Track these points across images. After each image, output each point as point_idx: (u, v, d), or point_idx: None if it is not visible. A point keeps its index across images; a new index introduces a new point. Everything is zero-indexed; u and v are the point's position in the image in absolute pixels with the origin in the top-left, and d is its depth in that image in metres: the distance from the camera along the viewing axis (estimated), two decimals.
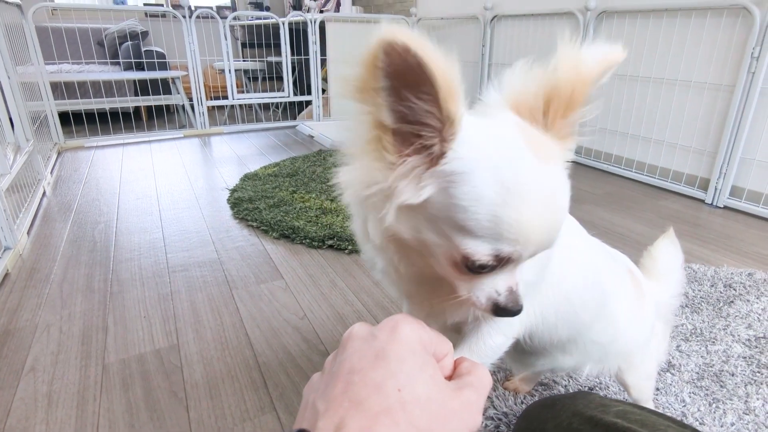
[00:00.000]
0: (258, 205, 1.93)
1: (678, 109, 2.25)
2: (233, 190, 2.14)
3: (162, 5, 5.77)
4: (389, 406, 0.27)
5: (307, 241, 1.65)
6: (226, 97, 3.52)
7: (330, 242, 1.63)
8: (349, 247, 1.60)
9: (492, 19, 3.17)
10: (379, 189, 0.38)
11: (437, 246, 0.40)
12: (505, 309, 0.41)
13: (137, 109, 3.87)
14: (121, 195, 2.18)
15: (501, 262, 0.38)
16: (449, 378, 0.34)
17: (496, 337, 0.57)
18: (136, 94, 3.65)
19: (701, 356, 1.10)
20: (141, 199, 2.12)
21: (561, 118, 0.40)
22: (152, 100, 3.54)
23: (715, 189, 2.11)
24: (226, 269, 1.51)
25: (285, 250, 1.64)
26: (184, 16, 3.04)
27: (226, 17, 3.37)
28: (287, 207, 1.90)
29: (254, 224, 1.79)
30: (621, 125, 2.53)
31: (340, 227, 1.71)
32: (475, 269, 0.39)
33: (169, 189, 2.26)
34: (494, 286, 0.41)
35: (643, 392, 0.83)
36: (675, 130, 2.28)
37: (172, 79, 3.64)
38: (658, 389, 1.00)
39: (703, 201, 2.16)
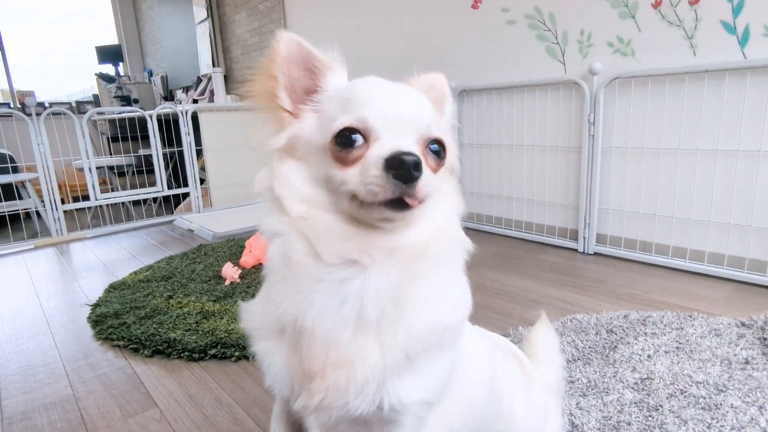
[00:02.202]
0: (126, 319, 1.68)
1: (540, 170, 2.49)
2: (95, 305, 1.86)
3: (9, 103, 5.29)
4: None
5: (186, 354, 1.45)
6: (86, 198, 3.19)
7: (213, 351, 1.45)
8: (236, 354, 1.43)
9: None
10: (285, 138, 0.51)
11: (322, 153, 0.48)
12: (393, 157, 0.42)
13: None
14: None
15: (367, 132, 0.45)
16: None
17: None
18: None
19: (599, 410, 1.11)
20: None
21: None
22: None
23: (584, 238, 2.31)
24: (83, 407, 1.25)
25: (159, 369, 1.42)
26: (29, 115, 2.76)
27: (86, 113, 3.13)
28: (162, 316, 1.68)
29: (121, 343, 1.54)
30: (498, 189, 2.72)
31: (225, 332, 1.54)
32: (349, 144, 0.45)
33: (11, 315, 1.89)
34: (380, 155, 0.43)
35: None
36: (542, 189, 2.50)
37: (21, 182, 3.23)
38: None
39: (576, 250, 2.34)
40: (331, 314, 0.47)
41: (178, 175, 3.79)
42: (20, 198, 3.28)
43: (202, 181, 3.66)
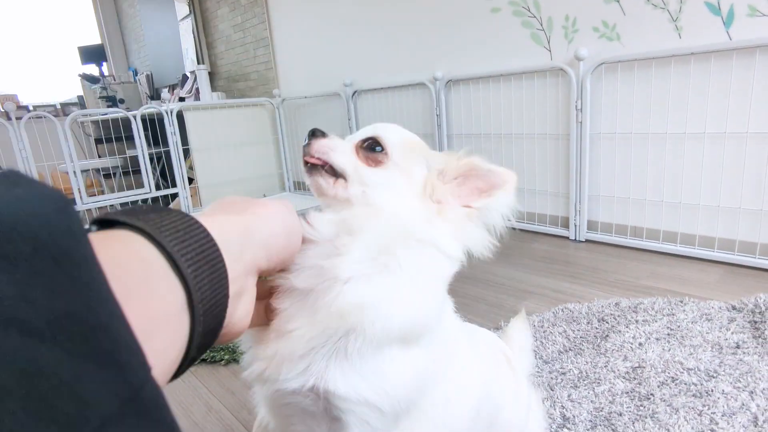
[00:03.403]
0: None
1: (530, 159, 2.47)
2: None
3: None
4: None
5: None
6: (74, 203, 3.15)
7: (202, 356, 1.43)
8: (226, 357, 1.42)
9: (353, 95, 3.30)
10: None
11: None
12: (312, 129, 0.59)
13: None
14: None
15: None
16: None
17: None
18: None
19: (590, 401, 1.10)
20: None
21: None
22: None
23: (575, 225, 2.30)
24: None
25: None
26: (9, 119, 2.71)
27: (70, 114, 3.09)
28: None
29: None
30: None
31: None
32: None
33: None
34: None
35: None
36: (531, 177, 2.49)
37: None
38: None
39: (567, 238, 2.33)
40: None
41: (166, 176, 3.75)
42: None
43: (190, 180, 3.63)
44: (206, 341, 0.33)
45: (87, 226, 0.28)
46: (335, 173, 0.56)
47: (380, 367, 0.48)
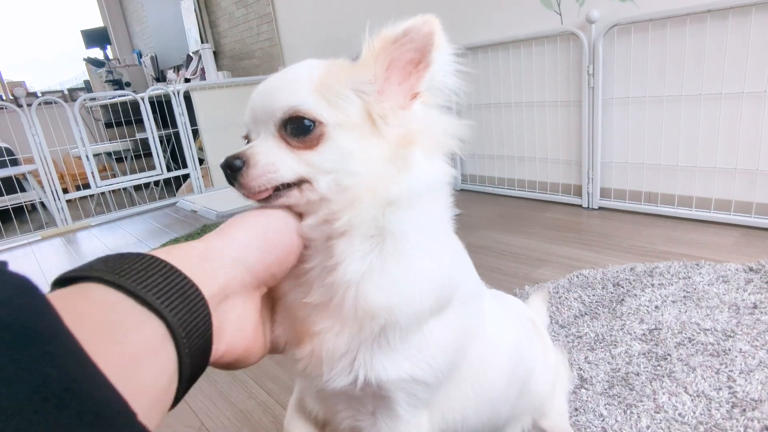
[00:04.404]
0: None
1: (541, 127, 2.44)
2: None
3: (0, 96, 5.24)
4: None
5: None
6: (88, 186, 3.19)
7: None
8: None
9: None
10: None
11: None
12: (222, 166, 0.46)
13: None
14: None
15: (248, 137, 0.50)
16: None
17: None
18: None
19: (608, 362, 1.12)
20: None
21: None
22: None
23: (588, 193, 2.29)
24: None
25: None
26: (20, 106, 2.73)
27: (77, 99, 3.10)
28: None
29: None
30: (498, 149, 2.68)
31: None
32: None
33: None
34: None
35: (560, 427, 0.80)
36: (543, 146, 2.46)
37: (23, 175, 3.23)
38: (576, 409, 0.99)
39: (580, 206, 2.32)
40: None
41: (177, 157, 3.77)
42: (23, 190, 3.29)
43: (201, 161, 3.64)
44: (200, 362, 0.35)
45: (48, 289, 0.29)
46: (292, 183, 0.46)
47: (421, 343, 0.48)
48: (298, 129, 0.45)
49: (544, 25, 2.28)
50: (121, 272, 0.31)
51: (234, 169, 0.44)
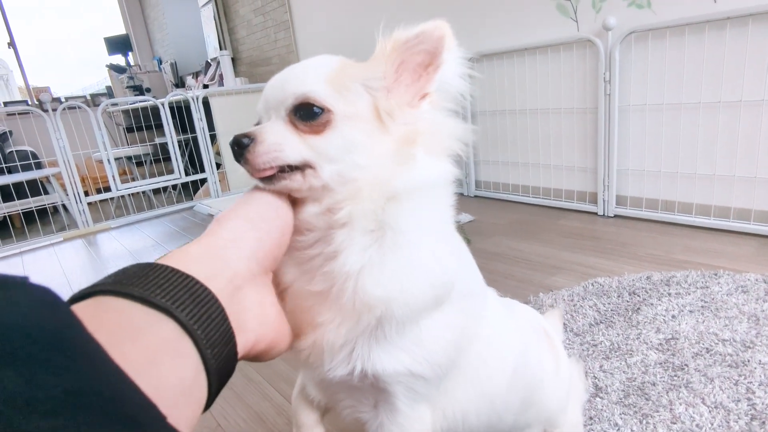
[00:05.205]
0: None
1: (556, 134, 2.43)
2: None
3: (26, 101, 5.38)
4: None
5: None
6: (108, 189, 3.26)
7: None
8: None
9: None
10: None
11: None
12: (231, 143, 0.47)
13: (4, 219, 3.45)
14: None
15: (260, 120, 0.51)
16: None
17: None
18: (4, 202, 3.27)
19: (623, 372, 1.11)
20: None
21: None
22: (19, 205, 3.16)
23: (603, 201, 2.27)
24: None
25: None
26: (46, 110, 2.81)
27: (100, 104, 3.18)
28: None
29: None
30: (513, 156, 2.68)
31: None
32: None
33: None
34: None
35: None
36: (558, 153, 2.45)
37: (46, 178, 3.32)
38: (591, 418, 0.98)
39: (596, 213, 2.30)
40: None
41: (195, 162, 3.84)
42: (46, 193, 3.38)
43: (218, 165, 3.70)
44: (226, 354, 0.36)
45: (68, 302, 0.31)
46: (296, 166, 0.47)
47: (419, 337, 0.49)
48: (307, 114, 0.46)
49: (561, 32, 2.28)
50: (125, 282, 0.33)
51: (241, 146, 0.46)
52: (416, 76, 0.50)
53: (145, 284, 0.33)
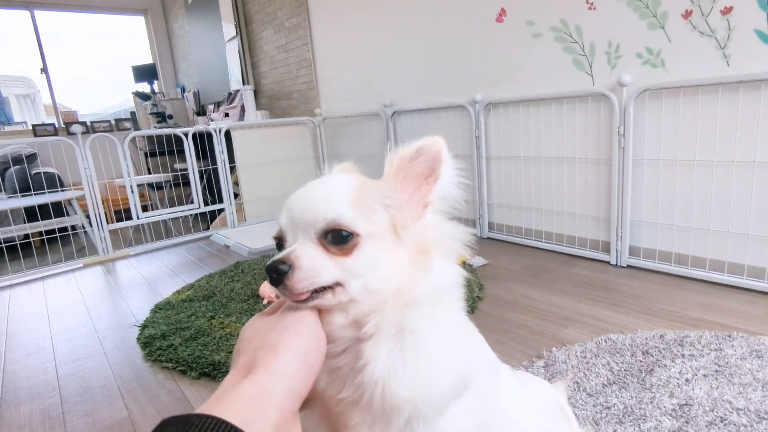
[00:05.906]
0: (173, 341, 1.77)
1: (570, 182, 2.47)
2: (144, 326, 1.96)
3: (53, 124, 5.56)
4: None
5: None
6: (130, 217, 3.34)
7: None
8: None
9: (393, 115, 3.38)
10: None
11: None
12: (267, 267, 0.50)
13: (27, 241, 3.54)
14: (6, 353, 1.91)
15: (282, 238, 0.54)
16: None
17: None
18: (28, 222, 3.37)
19: None
20: (32, 354, 1.87)
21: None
22: (42, 226, 3.24)
23: (616, 251, 2.29)
24: (140, 430, 1.33)
25: (207, 392, 1.49)
26: (74, 133, 2.93)
27: (125, 129, 3.29)
28: (205, 338, 1.76)
29: (170, 365, 1.63)
30: (527, 201, 2.72)
31: None
32: (279, 250, 0.54)
33: (68, 335, 2.02)
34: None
35: None
36: (572, 201, 2.49)
37: (68, 200, 3.41)
38: None
39: (608, 263, 2.32)
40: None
41: (212, 190, 3.93)
42: (67, 214, 3.47)
43: (236, 195, 3.78)
44: None
45: None
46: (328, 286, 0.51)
47: (443, 428, 0.52)
48: (338, 238, 0.50)
49: (576, 85, 2.35)
50: None
51: (280, 274, 0.49)
52: (417, 185, 0.56)
53: None
